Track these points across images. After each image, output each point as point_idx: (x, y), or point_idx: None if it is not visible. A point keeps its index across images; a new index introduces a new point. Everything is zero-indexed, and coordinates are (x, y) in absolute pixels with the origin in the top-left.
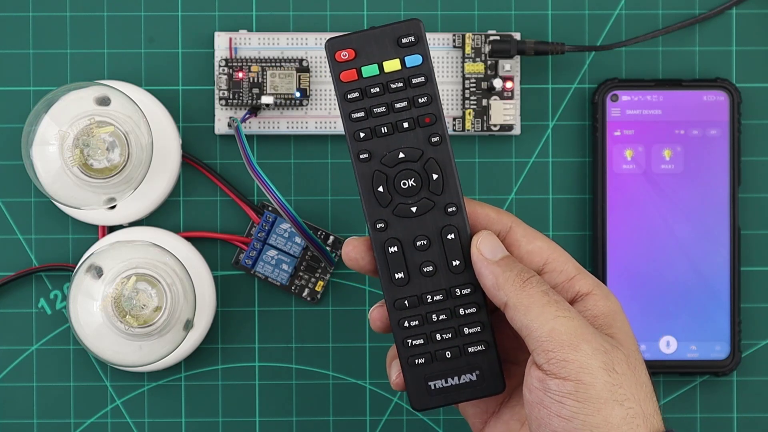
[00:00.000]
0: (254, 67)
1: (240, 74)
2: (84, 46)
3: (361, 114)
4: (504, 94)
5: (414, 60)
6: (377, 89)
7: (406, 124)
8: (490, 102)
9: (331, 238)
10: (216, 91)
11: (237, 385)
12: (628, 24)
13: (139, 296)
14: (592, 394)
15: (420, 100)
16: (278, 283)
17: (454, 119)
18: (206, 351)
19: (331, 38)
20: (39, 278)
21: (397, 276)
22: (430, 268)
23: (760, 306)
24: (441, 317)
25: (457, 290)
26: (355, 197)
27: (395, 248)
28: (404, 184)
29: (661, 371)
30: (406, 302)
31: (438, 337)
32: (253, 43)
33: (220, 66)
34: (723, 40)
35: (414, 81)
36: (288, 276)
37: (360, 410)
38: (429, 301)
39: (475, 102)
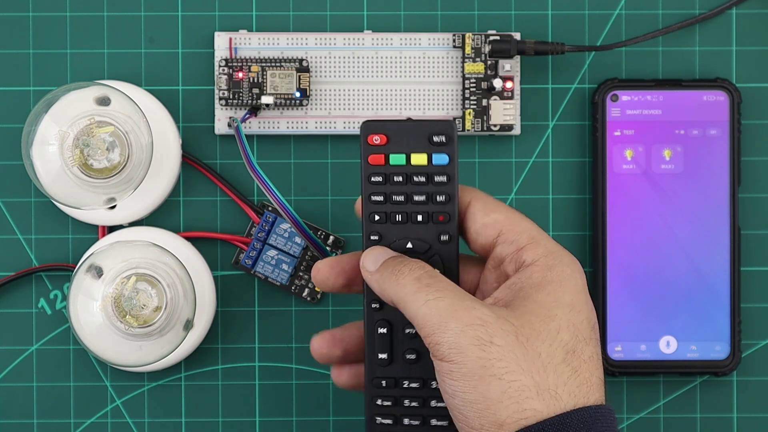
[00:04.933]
0: (254, 67)
1: (240, 74)
2: (84, 46)
3: (380, 198)
4: (504, 94)
5: (441, 159)
6: (400, 178)
7: (420, 217)
8: (490, 102)
9: (331, 238)
10: (216, 91)
11: (237, 385)
12: (628, 24)
13: (139, 296)
14: (465, 372)
15: (438, 198)
16: (278, 283)
17: (454, 119)
18: (206, 351)
19: (367, 120)
20: (39, 278)
21: (380, 356)
22: (413, 356)
23: (760, 306)
24: (413, 404)
25: (433, 383)
26: (354, 197)
27: (384, 330)
28: None
29: (661, 371)
30: (383, 382)
31: (405, 421)
32: (253, 43)
33: (220, 66)
34: (723, 40)
35: (436, 179)
36: (288, 276)
37: (360, 410)
38: (405, 386)
39: (475, 102)
